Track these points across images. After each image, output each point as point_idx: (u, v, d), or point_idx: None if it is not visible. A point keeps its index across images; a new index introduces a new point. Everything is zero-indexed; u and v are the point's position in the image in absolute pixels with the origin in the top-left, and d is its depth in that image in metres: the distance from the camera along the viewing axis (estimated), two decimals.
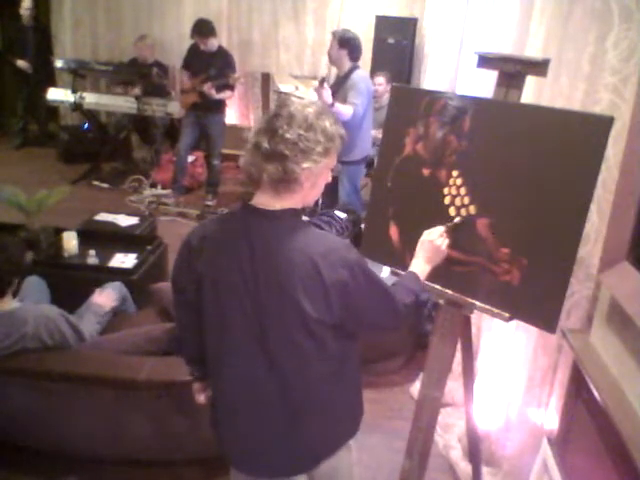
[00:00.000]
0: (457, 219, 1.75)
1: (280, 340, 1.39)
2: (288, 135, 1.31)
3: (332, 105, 3.75)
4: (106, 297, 2.77)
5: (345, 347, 1.48)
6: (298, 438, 1.48)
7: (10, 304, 2.22)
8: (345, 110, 3.78)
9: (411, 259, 1.71)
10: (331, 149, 1.38)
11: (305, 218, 3.45)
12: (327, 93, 3.80)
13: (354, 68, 4.01)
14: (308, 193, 1.41)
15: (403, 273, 1.69)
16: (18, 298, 2.42)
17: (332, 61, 4.16)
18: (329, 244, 1.38)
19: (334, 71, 5.20)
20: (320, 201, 4.34)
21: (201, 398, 1.68)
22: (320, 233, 1.44)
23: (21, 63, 6.49)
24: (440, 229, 1.72)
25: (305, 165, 1.33)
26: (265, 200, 1.39)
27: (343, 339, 1.45)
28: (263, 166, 1.33)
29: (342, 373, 1.49)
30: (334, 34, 4.08)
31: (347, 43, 3.98)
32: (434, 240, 1.69)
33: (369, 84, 4.09)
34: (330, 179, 1.48)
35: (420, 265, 1.68)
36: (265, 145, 1.32)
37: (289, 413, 1.45)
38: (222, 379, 1.52)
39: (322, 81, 3.83)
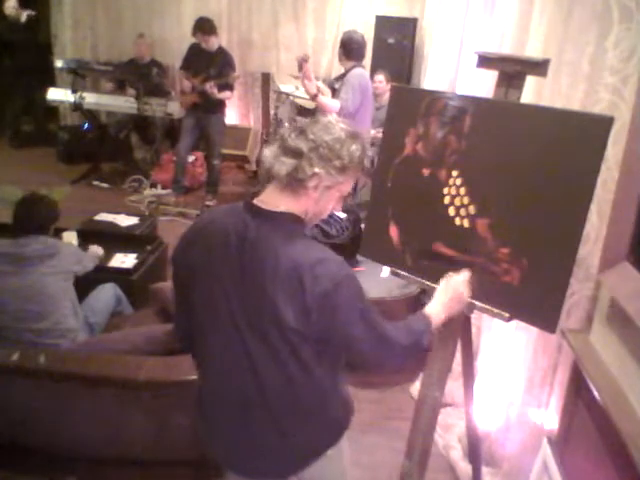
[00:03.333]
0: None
1: (259, 342, 1.37)
2: (312, 137, 1.33)
3: (315, 96, 3.77)
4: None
5: (326, 359, 1.42)
6: (278, 441, 1.45)
7: None
8: (331, 103, 3.79)
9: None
10: (349, 169, 1.37)
11: None
12: (310, 84, 3.81)
13: (354, 67, 4.02)
14: (310, 204, 1.39)
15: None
16: None
17: (339, 62, 4.22)
18: (320, 256, 1.34)
19: (334, 71, 5.22)
20: None
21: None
22: (315, 245, 1.40)
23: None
24: (466, 274, 1.69)
25: (317, 169, 1.32)
26: (270, 198, 1.39)
27: (325, 354, 1.40)
28: (278, 158, 1.34)
29: (322, 382, 1.44)
30: (342, 34, 4.16)
31: (343, 43, 4.05)
32: (460, 288, 1.66)
33: (364, 81, 4.04)
34: (340, 208, 1.48)
35: (437, 310, 1.61)
36: (289, 139, 1.34)
37: (269, 416, 1.43)
38: (206, 373, 1.52)
39: (300, 66, 3.84)
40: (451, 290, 1.66)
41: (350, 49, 4.02)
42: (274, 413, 1.43)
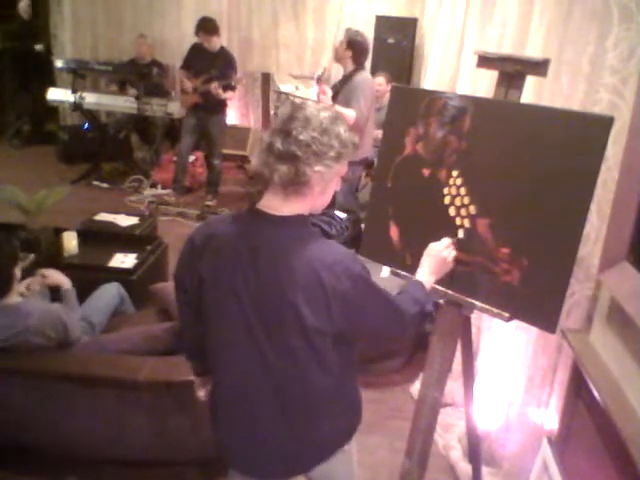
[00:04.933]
0: (461, 235, 1.75)
1: (277, 346, 1.39)
2: (302, 137, 1.30)
3: (332, 107, 3.74)
4: (53, 273, 2.61)
5: (343, 355, 1.47)
6: (293, 441, 1.48)
7: (15, 298, 2.24)
8: (347, 114, 3.78)
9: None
10: (343, 155, 1.37)
11: None
12: (326, 98, 3.79)
13: (358, 69, 4.01)
14: (317, 199, 1.41)
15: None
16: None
17: (337, 58, 4.17)
18: (334, 255, 1.37)
19: (334, 69, 5.18)
20: None
21: (201, 394, 1.69)
22: (326, 242, 1.42)
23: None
24: (447, 241, 1.72)
25: (317, 168, 1.32)
26: (273, 203, 1.38)
27: (342, 348, 1.45)
28: (275, 166, 1.32)
29: (339, 381, 1.48)
30: (347, 31, 4.07)
31: (353, 46, 3.97)
32: (441, 252, 1.70)
33: (372, 86, 4.08)
34: (339, 187, 1.47)
35: (425, 275, 1.67)
36: (278, 145, 1.31)
37: (284, 417, 1.45)
38: (220, 378, 1.52)
39: (319, 79, 3.82)
40: (435, 256, 1.70)
41: (360, 53, 3.98)
42: (290, 414, 1.45)
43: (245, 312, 1.39)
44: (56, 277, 2.58)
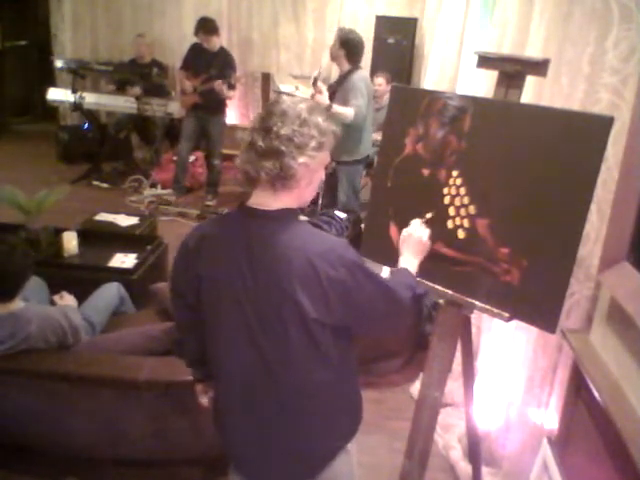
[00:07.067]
0: (429, 214, 1.78)
1: (277, 343, 1.38)
2: (283, 131, 1.32)
3: (330, 107, 3.74)
4: (68, 298, 2.69)
5: (343, 351, 1.46)
6: (296, 444, 1.47)
7: (18, 305, 2.23)
8: (346, 112, 3.78)
9: None
10: (325, 144, 1.38)
11: (305, 218, 3.45)
12: (323, 97, 3.79)
13: (355, 68, 4.01)
14: (304, 191, 1.42)
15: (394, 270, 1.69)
16: (22, 296, 2.42)
17: (332, 57, 4.17)
18: (326, 244, 1.38)
19: (334, 69, 5.18)
20: (320, 201, 4.35)
21: (204, 400, 1.68)
22: (317, 233, 1.44)
23: None
24: (417, 221, 1.76)
25: (301, 160, 1.33)
26: (262, 199, 1.39)
27: (342, 342, 1.44)
28: (260, 164, 1.33)
29: (339, 377, 1.48)
30: (339, 31, 4.07)
31: (346, 44, 3.97)
32: (413, 233, 1.72)
33: (369, 84, 4.09)
34: (324, 177, 1.48)
35: (407, 261, 1.68)
36: (260, 143, 1.32)
37: (286, 418, 1.44)
38: (221, 381, 1.52)
39: (315, 81, 3.82)
40: (411, 240, 1.72)
41: (353, 52, 3.97)
42: (291, 416, 1.44)
43: (244, 311, 1.39)
44: (71, 303, 2.63)
